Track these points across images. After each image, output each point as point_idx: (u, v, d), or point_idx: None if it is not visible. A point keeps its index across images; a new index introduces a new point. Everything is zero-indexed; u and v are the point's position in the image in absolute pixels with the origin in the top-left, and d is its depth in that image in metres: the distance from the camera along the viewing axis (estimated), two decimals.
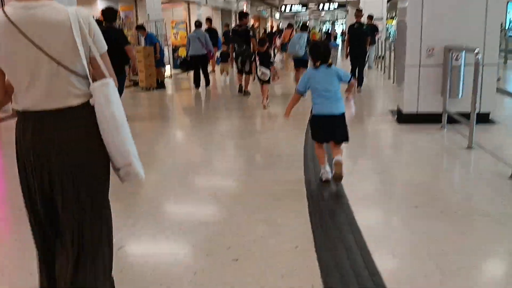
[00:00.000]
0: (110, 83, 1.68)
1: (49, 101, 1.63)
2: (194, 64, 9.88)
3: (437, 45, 5.62)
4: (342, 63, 13.35)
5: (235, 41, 8.63)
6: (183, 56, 16.05)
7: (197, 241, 2.70)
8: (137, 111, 7.83)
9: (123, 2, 12.38)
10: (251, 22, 27.43)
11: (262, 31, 25.68)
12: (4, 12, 1.57)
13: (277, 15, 35.51)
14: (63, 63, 1.61)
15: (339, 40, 26.29)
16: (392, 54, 11.69)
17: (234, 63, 8.80)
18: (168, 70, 12.22)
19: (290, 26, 13.52)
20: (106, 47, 1.74)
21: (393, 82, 10.32)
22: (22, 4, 1.59)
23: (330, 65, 3.64)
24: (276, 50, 17.01)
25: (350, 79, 3.81)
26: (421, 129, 5.56)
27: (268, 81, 7.39)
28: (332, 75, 3.62)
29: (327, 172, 3.68)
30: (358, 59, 9.13)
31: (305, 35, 9.01)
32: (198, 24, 10.34)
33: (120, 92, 6.78)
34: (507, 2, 17.03)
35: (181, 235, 2.81)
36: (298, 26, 15.68)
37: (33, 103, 1.63)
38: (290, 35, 12.53)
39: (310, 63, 8.17)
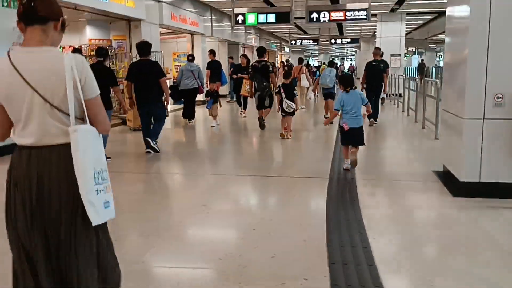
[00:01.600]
0: (78, 130, 1.76)
1: (43, 138, 1.77)
2: (184, 97, 9.90)
3: (509, 92, 4.11)
4: None
5: (255, 77, 8.62)
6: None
7: None
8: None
9: (116, 30, 11.14)
10: None
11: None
12: (9, 56, 1.76)
13: (287, 49, 34.61)
14: (55, 105, 1.75)
15: None
16: (409, 92, 10.33)
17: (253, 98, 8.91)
18: None
19: (300, 61, 13.19)
20: (97, 93, 1.85)
21: (422, 128, 8.81)
22: (25, 49, 1.79)
23: (355, 88, 5.37)
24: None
25: (367, 103, 5.55)
26: (489, 207, 3.97)
27: (292, 113, 7.75)
28: (357, 98, 5.25)
29: (348, 164, 5.32)
30: (374, 94, 9.40)
31: (333, 70, 10.46)
32: (191, 58, 10.22)
33: (161, 124, 6.68)
34: None
35: None
36: (307, 61, 15.07)
37: (28, 139, 1.78)
38: (300, 70, 11.93)
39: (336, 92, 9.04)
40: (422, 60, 29.87)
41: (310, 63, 31.60)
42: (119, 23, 10.95)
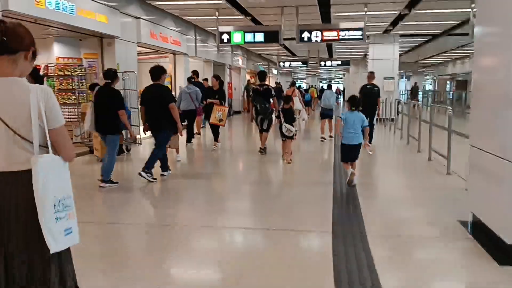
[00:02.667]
0: (38, 162, 1.79)
1: (7, 164, 1.82)
2: (183, 120, 9.23)
3: None
4: None
5: (257, 100, 8.55)
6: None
7: None
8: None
9: (86, 48, 10.06)
10: (248, 77, 25.54)
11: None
12: None
13: (275, 71, 33.90)
14: (19, 133, 1.82)
15: None
16: (409, 119, 9.43)
17: (254, 121, 8.84)
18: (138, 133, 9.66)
19: (293, 84, 12.81)
20: (62, 122, 1.90)
21: (429, 159, 7.83)
22: None
23: (359, 110, 5.91)
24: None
25: (367, 126, 5.89)
26: None
27: (292, 137, 7.72)
28: (359, 119, 5.77)
29: (349, 172, 5.73)
30: (369, 116, 9.06)
31: (333, 92, 11.42)
32: (193, 81, 9.97)
33: (162, 149, 6.39)
34: None
35: None
36: (299, 85, 14.82)
37: None
38: (293, 93, 11.29)
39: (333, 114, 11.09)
40: (416, 83, 29.28)
41: (299, 86, 30.83)
42: (91, 40, 9.91)
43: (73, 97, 9.55)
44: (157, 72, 6.32)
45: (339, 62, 23.75)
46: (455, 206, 4.83)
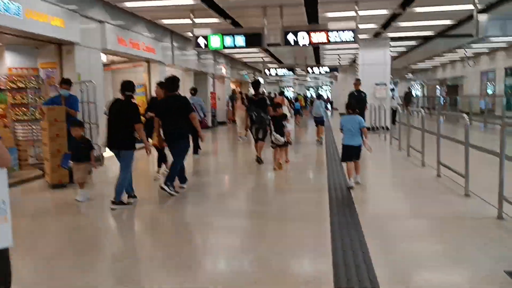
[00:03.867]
0: None
1: None
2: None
3: None
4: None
5: (252, 109, 8.53)
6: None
7: None
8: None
9: (44, 57, 8.80)
10: (233, 86, 24.43)
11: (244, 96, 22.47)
12: None
13: (261, 79, 32.91)
14: None
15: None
16: (409, 128, 8.34)
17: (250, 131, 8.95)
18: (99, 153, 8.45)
19: (281, 93, 13.83)
20: None
21: (437, 175, 6.75)
22: None
23: (356, 113, 6.36)
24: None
25: (364, 126, 6.22)
26: None
27: (285, 145, 7.93)
28: (355, 122, 6.17)
29: (351, 182, 6.16)
30: None
31: (322, 102, 12.49)
32: (193, 92, 10.02)
33: (178, 162, 6.22)
34: None
35: None
36: (281, 93, 16.26)
37: None
38: (282, 102, 10.64)
39: (324, 120, 12.14)
40: (409, 88, 28.50)
41: (285, 94, 29.82)
42: (48, 48, 8.68)
43: (29, 112, 8.32)
44: (174, 83, 6.33)
45: (327, 69, 22.73)
46: (492, 246, 3.73)
